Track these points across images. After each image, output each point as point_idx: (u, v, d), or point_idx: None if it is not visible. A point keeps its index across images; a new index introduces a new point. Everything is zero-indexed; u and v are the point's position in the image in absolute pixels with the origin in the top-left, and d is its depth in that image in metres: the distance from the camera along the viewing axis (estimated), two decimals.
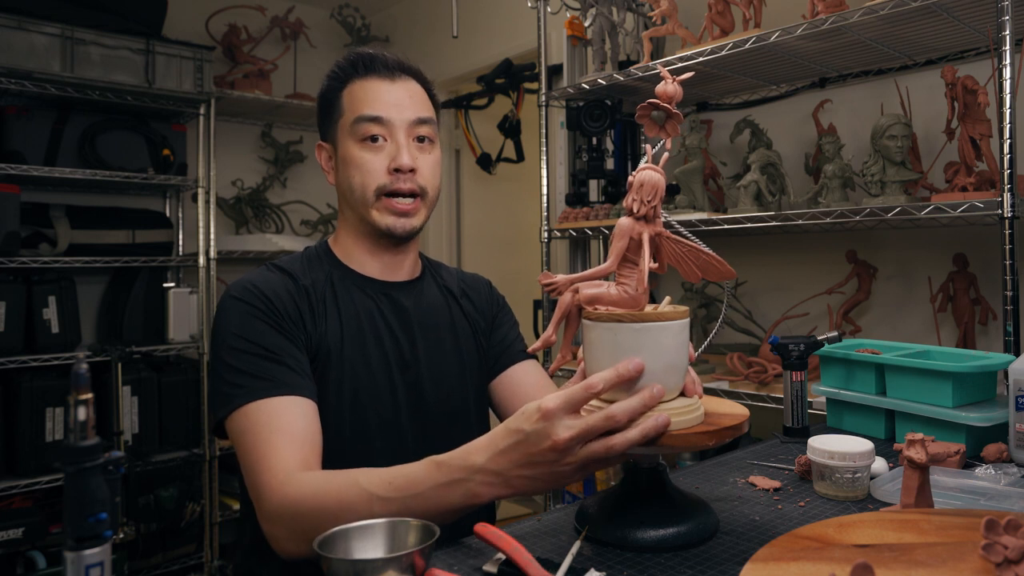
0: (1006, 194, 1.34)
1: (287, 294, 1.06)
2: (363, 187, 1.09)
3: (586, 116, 2.12)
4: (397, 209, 1.09)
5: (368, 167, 1.09)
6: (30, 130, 2.49)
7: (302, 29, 3.28)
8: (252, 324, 1.02)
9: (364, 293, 1.12)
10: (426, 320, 1.16)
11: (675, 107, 0.82)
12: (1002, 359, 1.13)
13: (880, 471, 0.99)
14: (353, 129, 1.09)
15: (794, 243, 2.10)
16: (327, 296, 1.09)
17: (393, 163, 1.08)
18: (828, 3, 1.58)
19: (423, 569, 0.69)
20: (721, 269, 0.84)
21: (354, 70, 1.12)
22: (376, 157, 1.09)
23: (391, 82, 1.12)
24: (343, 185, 1.12)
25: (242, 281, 1.07)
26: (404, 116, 1.10)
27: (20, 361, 2.37)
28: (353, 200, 1.11)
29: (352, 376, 1.06)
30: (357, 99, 1.11)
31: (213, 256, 2.79)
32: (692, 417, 0.79)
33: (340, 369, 1.05)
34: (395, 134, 1.09)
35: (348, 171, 1.10)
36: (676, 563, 0.75)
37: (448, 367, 1.16)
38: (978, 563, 0.56)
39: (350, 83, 1.12)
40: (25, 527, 2.26)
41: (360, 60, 1.13)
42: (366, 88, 1.11)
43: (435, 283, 1.23)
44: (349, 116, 1.10)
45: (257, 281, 1.06)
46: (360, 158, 1.09)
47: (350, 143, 1.10)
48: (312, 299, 1.08)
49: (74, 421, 0.53)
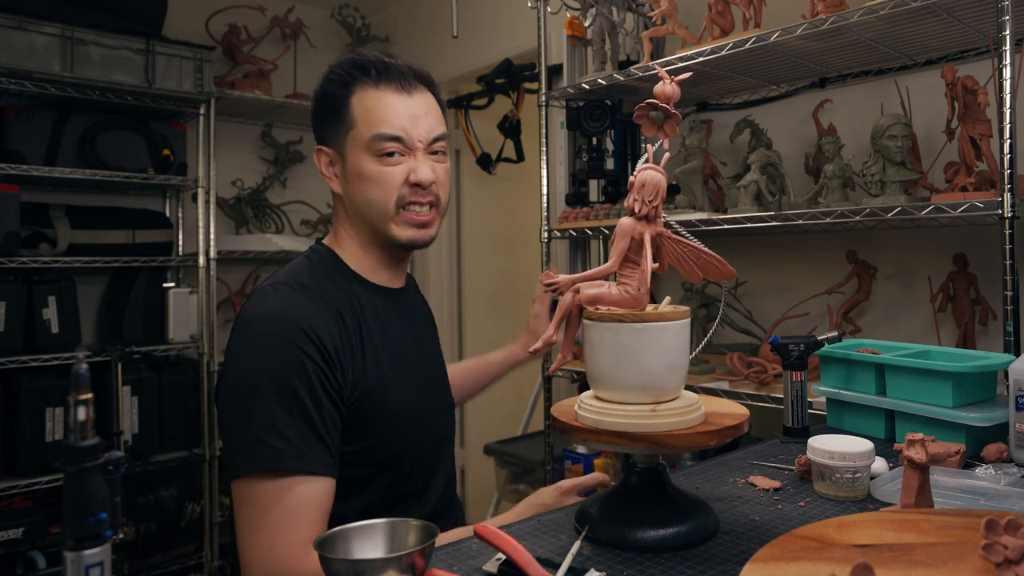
0: (1006, 194, 1.34)
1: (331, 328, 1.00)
2: (383, 201, 1.06)
3: (586, 116, 2.12)
4: (416, 221, 1.08)
5: (387, 182, 1.06)
6: (30, 130, 2.49)
7: (302, 29, 3.28)
8: (300, 375, 0.94)
9: (381, 303, 1.12)
10: (420, 321, 1.21)
11: (673, 107, 0.82)
12: (1002, 359, 1.13)
13: (880, 471, 0.99)
14: (370, 145, 1.05)
15: (794, 243, 2.10)
16: (362, 322, 1.06)
17: (414, 176, 1.06)
18: (828, 3, 1.58)
19: (423, 569, 0.69)
20: (722, 269, 0.84)
21: (365, 75, 1.07)
22: (394, 171, 1.06)
23: (408, 96, 1.08)
24: (357, 199, 1.08)
25: (276, 312, 0.98)
26: (422, 133, 1.07)
27: (20, 361, 2.37)
28: (370, 214, 1.08)
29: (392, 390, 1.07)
30: (372, 113, 1.06)
31: (213, 256, 2.79)
32: (692, 417, 0.79)
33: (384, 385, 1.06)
34: (415, 150, 1.07)
35: (364, 186, 1.07)
36: (676, 563, 0.75)
37: (441, 367, 1.23)
38: (978, 563, 0.56)
39: (360, 90, 1.07)
40: (25, 527, 2.26)
41: (372, 67, 1.07)
42: (381, 102, 1.06)
43: (413, 286, 1.28)
44: (364, 131, 1.06)
45: (294, 313, 0.98)
46: (378, 173, 1.06)
47: (365, 157, 1.06)
48: (348, 325, 1.03)
49: (74, 421, 0.53)
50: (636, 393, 0.79)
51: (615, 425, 0.77)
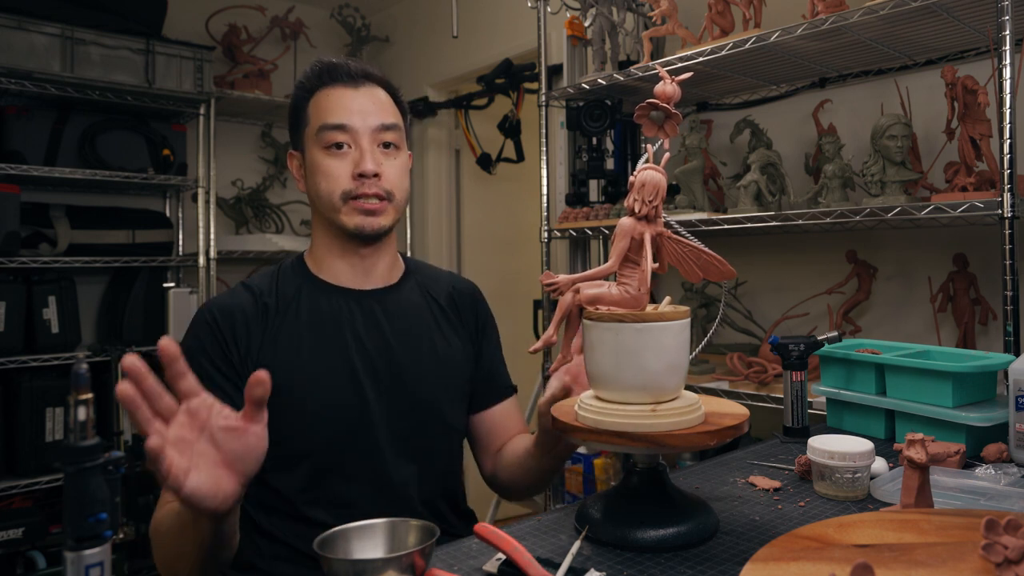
0: (1006, 194, 1.34)
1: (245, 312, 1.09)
2: (329, 193, 1.10)
3: (586, 116, 2.12)
4: (364, 208, 1.10)
5: (333, 173, 1.10)
6: (30, 130, 2.49)
7: (302, 29, 3.28)
8: (194, 354, 1.06)
9: (332, 303, 1.13)
10: (400, 326, 1.15)
11: (673, 107, 0.82)
12: (1002, 359, 1.13)
13: (880, 471, 0.99)
14: (318, 137, 1.11)
15: (794, 243, 2.10)
16: (290, 309, 1.11)
17: (357, 169, 1.09)
18: (828, 3, 1.58)
19: (423, 569, 0.69)
20: (722, 269, 0.84)
21: (319, 80, 1.14)
22: (341, 163, 1.10)
23: (355, 89, 1.13)
24: (312, 192, 1.14)
25: (210, 302, 1.13)
26: (368, 123, 1.11)
27: (20, 361, 2.37)
28: (322, 205, 1.13)
29: (314, 388, 1.07)
30: (321, 108, 1.12)
31: (213, 256, 2.79)
32: (692, 417, 0.79)
33: (299, 381, 1.07)
34: (359, 140, 1.11)
35: (315, 178, 1.12)
36: (676, 563, 0.75)
37: (425, 374, 1.15)
38: (978, 563, 0.56)
39: (316, 92, 1.14)
40: (25, 527, 2.26)
41: (324, 69, 1.14)
42: (330, 96, 1.12)
43: (417, 288, 1.22)
44: (314, 124, 1.12)
45: (211, 303, 1.12)
46: (326, 165, 1.10)
47: (316, 150, 1.12)
48: (268, 316, 1.10)
49: (74, 421, 0.53)
50: (636, 393, 0.79)
51: (615, 425, 0.77)
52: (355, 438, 1.08)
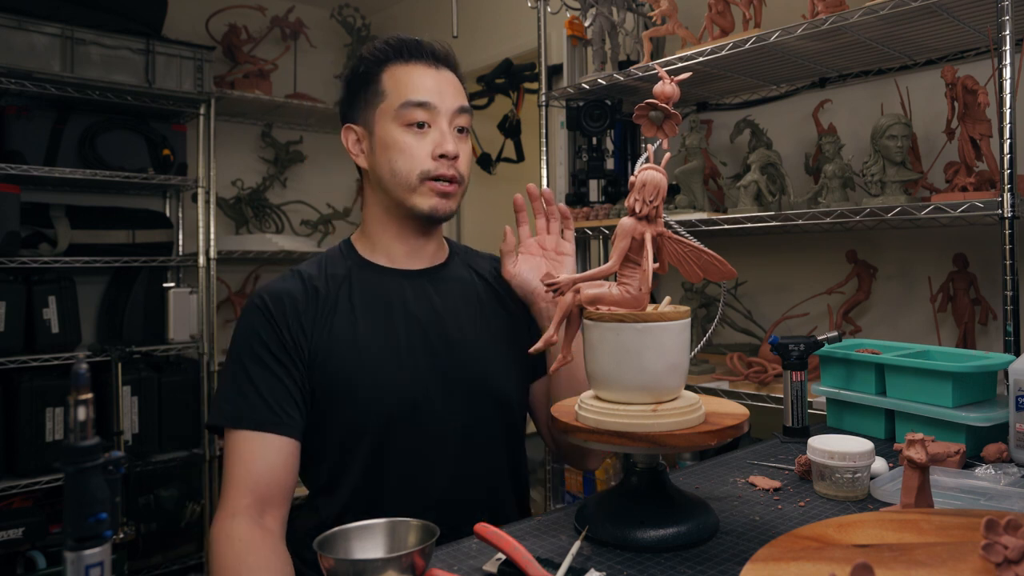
0: (1006, 194, 1.34)
1: (291, 301, 1.08)
2: (408, 171, 1.09)
3: (586, 116, 2.12)
4: (440, 190, 1.10)
5: (413, 152, 1.09)
6: (30, 130, 2.49)
7: (302, 29, 3.28)
8: (247, 341, 1.06)
9: (384, 283, 1.13)
10: (452, 303, 1.16)
11: (673, 107, 0.82)
12: (1002, 359, 1.13)
13: (880, 471, 0.99)
14: (398, 113, 1.09)
15: (794, 243, 2.10)
16: (341, 292, 1.11)
17: (438, 149, 1.09)
18: (828, 3, 1.58)
19: (423, 569, 0.69)
20: (722, 269, 0.84)
21: (397, 54, 1.13)
22: (421, 143, 1.09)
23: (436, 70, 1.13)
24: (382, 168, 1.11)
25: (259, 288, 1.12)
26: (448, 104, 1.11)
27: (20, 361, 2.37)
28: (393, 184, 1.11)
29: (371, 366, 1.06)
30: (402, 84, 1.10)
31: (213, 256, 2.79)
32: (693, 417, 0.79)
33: (355, 361, 1.06)
34: (439, 121, 1.10)
35: (390, 155, 1.10)
36: (676, 563, 0.75)
37: (480, 349, 1.15)
38: (978, 563, 0.56)
39: (391, 66, 1.12)
40: (25, 527, 2.26)
41: (404, 46, 1.13)
42: (411, 73, 1.11)
43: (464, 267, 1.24)
44: (394, 100, 1.10)
45: (262, 290, 1.10)
46: (405, 143, 1.09)
47: (393, 127, 1.10)
48: (319, 300, 1.09)
49: (74, 421, 0.53)
50: (637, 393, 0.79)
51: (616, 425, 0.77)
52: (414, 414, 1.07)
